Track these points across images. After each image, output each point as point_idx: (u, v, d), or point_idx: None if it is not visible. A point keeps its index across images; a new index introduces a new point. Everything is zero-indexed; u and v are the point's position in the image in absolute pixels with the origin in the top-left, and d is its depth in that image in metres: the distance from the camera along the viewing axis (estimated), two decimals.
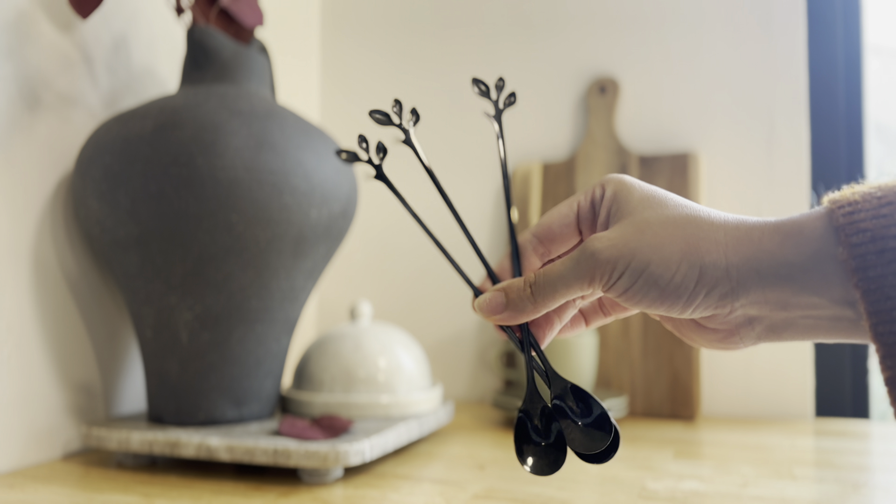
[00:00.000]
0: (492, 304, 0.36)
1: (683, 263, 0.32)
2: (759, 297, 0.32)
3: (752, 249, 0.32)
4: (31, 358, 0.60)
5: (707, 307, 0.33)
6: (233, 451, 0.54)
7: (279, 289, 0.60)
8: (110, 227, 0.57)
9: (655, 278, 0.32)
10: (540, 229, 0.39)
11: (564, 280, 0.34)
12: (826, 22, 0.91)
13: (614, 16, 0.94)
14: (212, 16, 0.65)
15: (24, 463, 0.59)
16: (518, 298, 0.35)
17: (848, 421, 0.84)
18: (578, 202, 0.38)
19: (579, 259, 0.34)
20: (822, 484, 0.55)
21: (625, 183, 0.36)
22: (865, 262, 0.30)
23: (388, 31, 1.05)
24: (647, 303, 0.33)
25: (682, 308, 0.33)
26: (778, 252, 0.31)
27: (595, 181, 0.43)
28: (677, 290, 0.32)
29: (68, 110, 0.64)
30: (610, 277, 0.33)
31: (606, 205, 0.36)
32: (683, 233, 0.33)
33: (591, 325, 0.40)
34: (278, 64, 0.93)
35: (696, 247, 0.32)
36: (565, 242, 0.39)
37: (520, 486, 0.53)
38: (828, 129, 0.90)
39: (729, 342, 0.35)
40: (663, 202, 0.34)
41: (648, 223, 0.33)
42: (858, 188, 0.32)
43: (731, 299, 0.32)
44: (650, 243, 0.33)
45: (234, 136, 0.56)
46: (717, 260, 0.32)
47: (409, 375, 0.69)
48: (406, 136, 0.38)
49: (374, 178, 0.38)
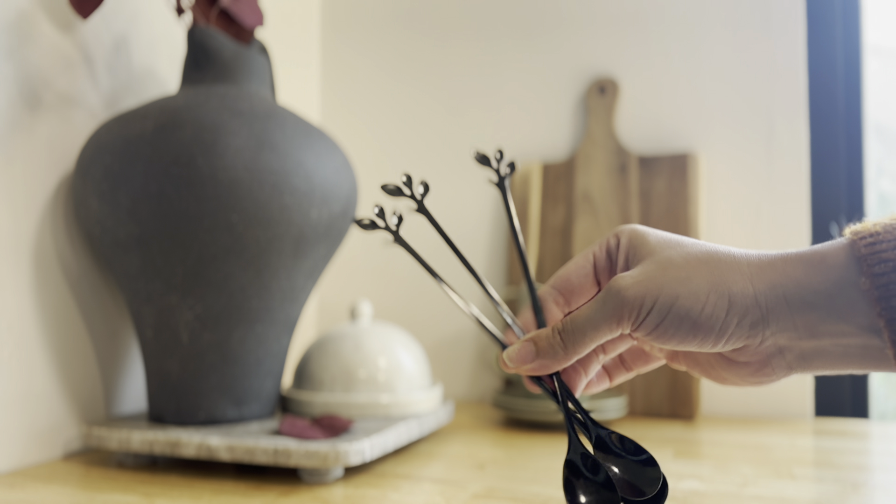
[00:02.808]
0: (521, 354, 0.36)
1: (712, 294, 0.32)
2: (787, 324, 0.32)
3: (777, 277, 0.32)
4: (31, 358, 0.60)
5: (739, 337, 0.32)
6: (233, 450, 0.54)
7: (279, 289, 0.60)
8: (111, 227, 0.57)
9: (686, 311, 0.32)
10: (558, 281, 0.39)
11: (593, 322, 0.34)
12: (825, 22, 0.91)
13: (614, 16, 0.94)
14: (212, 16, 0.65)
15: (25, 462, 0.59)
16: (549, 346, 0.35)
17: (847, 421, 0.84)
18: (594, 253, 0.38)
19: (605, 300, 0.34)
20: (822, 484, 0.55)
21: (638, 230, 0.36)
22: (888, 292, 0.30)
23: (388, 32, 1.05)
24: (679, 338, 0.33)
25: (714, 340, 0.32)
26: (803, 279, 0.31)
27: (608, 233, 0.44)
28: (709, 320, 0.32)
29: (69, 110, 0.64)
30: (639, 315, 0.33)
31: (624, 252, 0.36)
32: (707, 266, 0.33)
33: (615, 381, 0.40)
34: (278, 64, 0.93)
35: (722, 278, 0.32)
36: (584, 293, 0.39)
37: (520, 485, 0.53)
38: (827, 129, 0.90)
39: (761, 374, 0.35)
40: (681, 242, 0.35)
41: (671, 260, 0.33)
42: (879, 220, 0.32)
43: (762, 327, 0.32)
44: (676, 277, 0.32)
45: (235, 137, 0.56)
46: (745, 289, 0.32)
47: (409, 375, 0.69)
48: (419, 206, 0.40)
49: (393, 243, 0.40)
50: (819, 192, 0.88)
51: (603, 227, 0.90)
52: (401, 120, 1.04)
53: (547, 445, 0.68)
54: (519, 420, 0.80)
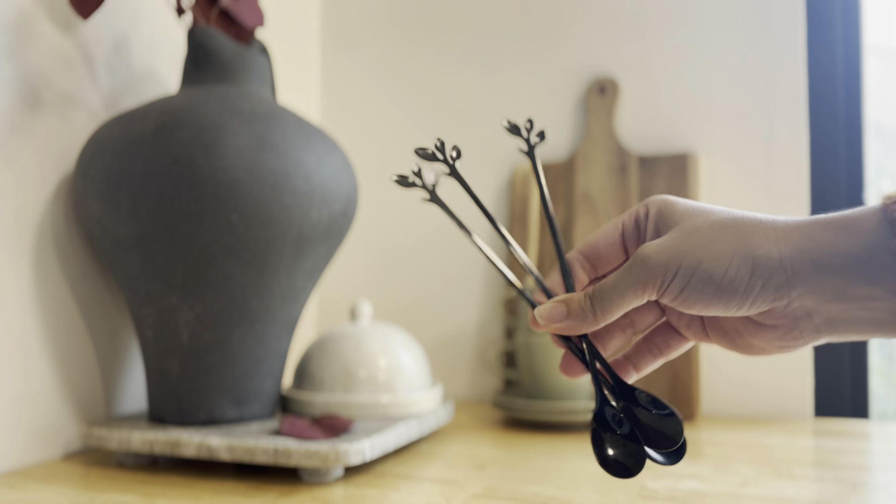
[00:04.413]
0: (552, 314, 0.37)
1: (735, 258, 0.32)
2: (814, 287, 0.32)
3: (804, 240, 0.32)
4: (31, 358, 0.60)
5: (765, 300, 0.33)
6: (233, 450, 0.54)
7: (280, 289, 0.60)
8: (111, 228, 0.57)
9: (709, 275, 0.33)
10: (586, 248, 0.40)
11: (620, 289, 0.35)
12: (825, 22, 0.91)
13: (614, 16, 0.94)
14: (212, 16, 0.65)
15: (25, 462, 0.59)
16: (580, 309, 0.36)
17: (847, 421, 0.84)
18: (623, 222, 0.39)
19: (631, 267, 0.34)
20: (822, 483, 0.55)
21: (667, 200, 0.37)
22: None
23: (388, 32, 1.05)
24: (703, 302, 0.33)
25: (739, 302, 0.33)
26: (831, 243, 0.32)
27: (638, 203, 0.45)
28: (732, 283, 0.32)
29: (69, 110, 0.64)
30: (663, 281, 0.33)
31: (652, 221, 0.37)
32: (731, 231, 0.33)
33: (643, 371, 0.41)
34: (279, 64, 0.93)
35: (747, 242, 0.33)
36: (610, 261, 0.40)
37: (520, 485, 0.53)
38: (827, 129, 0.90)
39: (789, 338, 0.35)
40: (708, 210, 0.35)
41: (696, 228, 0.34)
42: None
43: (788, 289, 0.32)
44: (699, 244, 0.33)
45: (235, 137, 0.56)
46: (770, 251, 0.32)
47: (409, 375, 0.69)
48: (451, 170, 0.41)
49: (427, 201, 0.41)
50: (819, 192, 0.88)
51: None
52: (401, 119, 1.04)
53: (547, 445, 0.68)
54: (519, 420, 0.80)
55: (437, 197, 0.41)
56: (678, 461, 0.34)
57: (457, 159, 0.41)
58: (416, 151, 0.40)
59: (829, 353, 0.88)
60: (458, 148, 0.42)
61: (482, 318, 0.98)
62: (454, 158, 0.41)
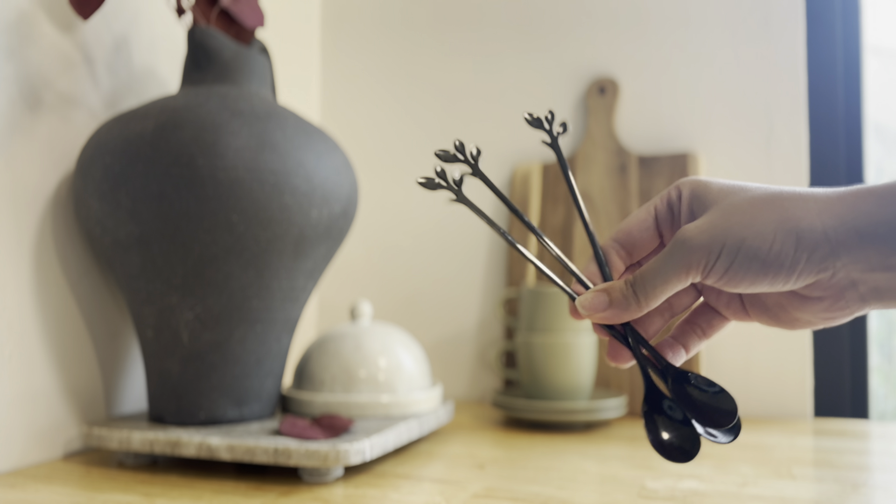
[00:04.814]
0: (594, 303, 0.37)
1: (779, 233, 0.32)
2: (859, 256, 0.32)
3: (847, 211, 0.32)
4: (32, 358, 0.60)
5: (810, 273, 0.32)
6: (233, 450, 0.54)
7: (280, 289, 0.60)
8: (111, 228, 0.57)
9: (754, 252, 0.32)
10: (620, 234, 0.39)
11: (662, 274, 0.34)
12: (825, 22, 0.91)
13: (614, 16, 0.94)
14: (212, 16, 0.65)
15: (25, 462, 0.59)
16: (622, 297, 0.36)
17: (847, 421, 0.84)
18: (655, 206, 0.38)
19: (672, 251, 0.34)
20: (822, 484, 0.55)
21: (700, 181, 0.37)
22: None
23: (388, 32, 1.05)
24: (749, 279, 0.33)
25: (785, 277, 0.33)
26: (875, 212, 0.31)
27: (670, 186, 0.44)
28: (777, 258, 0.32)
29: (69, 111, 0.64)
30: (707, 262, 0.33)
31: (687, 203, 0.37)
32: (772, 206, 0.33)
33: (691, 351, 0.40)
34: (278, 64, 0.93)
35: (788, 215, 0.32)
36: (646, 247, 0.39)
37: (520, 485, 0.54)
38: (827, 129, 0.90)
39: (835, 309, 0.35)
40: (745, 187, 0.35)
41: (735, 205, 0.34)
42: None
43: (833, 259, 0.32)
44: (741, 221, 0.33)
45: (235, 137, 0.56)
46: (813, 224, 0.32)
47: (409, 375, 0.69)
48: (474, 170, 0.41)
49: (454, 202, 0.41)
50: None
51: (603, 227, 0.90)
52: (401, 120, 1.04)
53: (547, 445, 0.68)
54: (519, 420, 0.80)
55: (465, 196, 0.41)
56: (736, 437, 0.34)
57: (478, 158, 0.41)
58: (437, 153, 0.40)
59: (828, 352, 0.88)
60: (479, 147, 0.42)
61: (482, 317, 0.98)
62: (475, 157, 0.41)
